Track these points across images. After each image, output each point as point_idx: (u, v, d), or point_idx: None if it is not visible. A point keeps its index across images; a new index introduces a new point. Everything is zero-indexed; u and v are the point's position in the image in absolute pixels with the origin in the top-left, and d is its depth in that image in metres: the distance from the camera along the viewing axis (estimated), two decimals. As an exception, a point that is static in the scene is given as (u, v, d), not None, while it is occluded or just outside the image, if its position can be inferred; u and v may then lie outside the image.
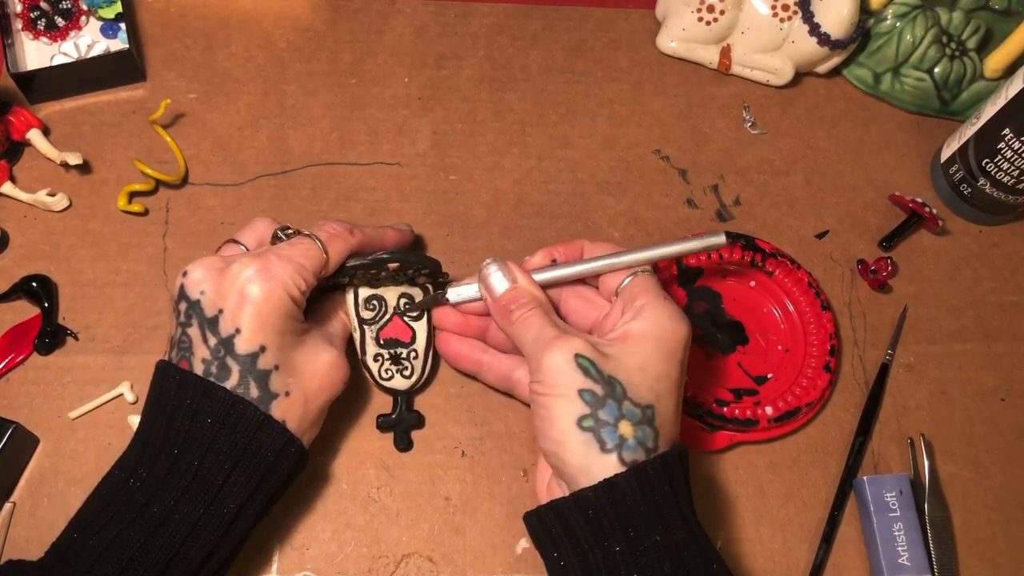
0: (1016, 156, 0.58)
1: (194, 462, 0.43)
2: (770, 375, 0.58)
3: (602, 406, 0.43)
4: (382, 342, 0.53)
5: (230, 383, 0.44)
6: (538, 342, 0.45)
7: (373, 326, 0.53)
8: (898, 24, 0.66)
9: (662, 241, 0.50)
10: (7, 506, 0.51)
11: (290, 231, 0.50)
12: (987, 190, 0.62)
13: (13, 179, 0.59)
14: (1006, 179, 0.60)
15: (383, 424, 0.54)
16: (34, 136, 0.59)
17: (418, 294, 0.54)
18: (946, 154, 0.65)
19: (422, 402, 0.56)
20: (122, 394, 0.54)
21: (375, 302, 0.53)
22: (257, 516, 0.45)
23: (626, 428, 0.43)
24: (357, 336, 0.53)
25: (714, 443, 0.55)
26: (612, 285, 0.49)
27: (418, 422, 0.55)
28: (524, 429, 0.56)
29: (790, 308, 0.59)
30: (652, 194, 0.64)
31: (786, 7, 0.65)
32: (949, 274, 0.64)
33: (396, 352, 0.53)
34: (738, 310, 0.59)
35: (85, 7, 0.62)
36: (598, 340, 0.45)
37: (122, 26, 0.62)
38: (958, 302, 0.63)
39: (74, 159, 0.58)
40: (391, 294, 0.54)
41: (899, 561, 0.53)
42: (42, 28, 0.62)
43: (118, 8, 0.62)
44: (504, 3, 0.69)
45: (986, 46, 0.68)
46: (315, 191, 0.61)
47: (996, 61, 0.67)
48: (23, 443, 0.51)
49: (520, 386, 0.53)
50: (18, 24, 0.62)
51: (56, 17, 0.62)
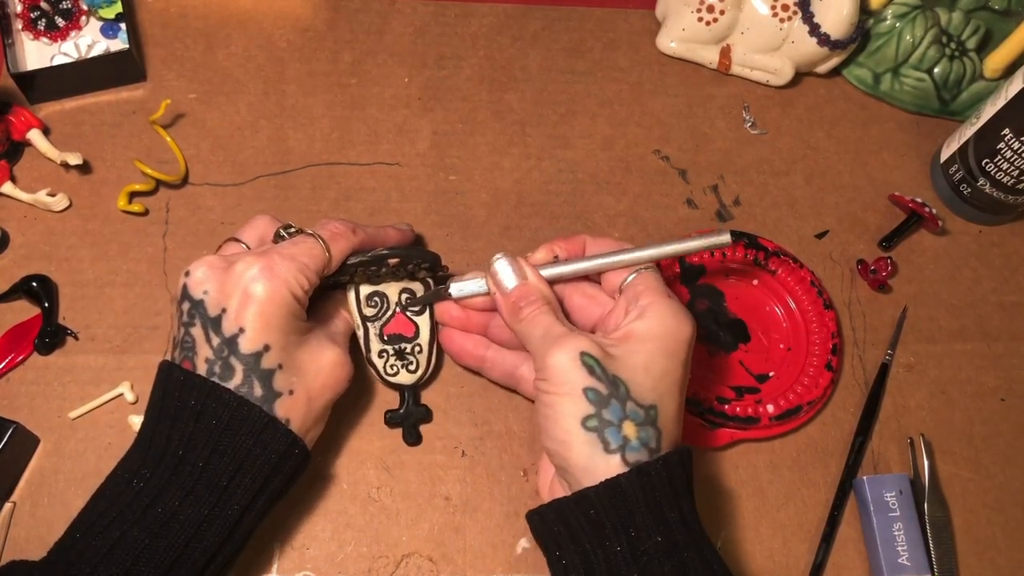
0: (1016, 156, 0.58)
1: (198, 463, 0.43)
2: (772, 373, 0.58)
3: (606, 406, 0.43)
4: (386, 338, 0.53)
5: (233, 383, 0.44)
6: (545, 340, 0.45)
7: (376, 323, 0.53)
8: (898, 24, 0.66)
9: (665, 239, 0.50)
10: (7, 506, 0.51)
11: (293, 230, 0.50)
12: (987, 190, 0.62)
13: (13, 179, 0.59)
14: (1006, 179, 0.60)
15: (391, 419, 0.54)
16: (34, 136, 0.59)
17: (419, 289, 0.54)
18: (946, 154, 0.65)
19: (424, 402, 0.56)
20: (122, 394, 0.54)
21: (376, 299, 0.53)
22: (260, 517, 0.45)
23: (629, 429, 0.43)
24: (361, 334, 0.53)
25: (715, 440, 0.55)
26: (615, 282, 0.49)
27: (426, 416, 0.55)
28: (524, 429, 0.56)
29: (792, 307, 0.59)
30: (652, 194, 0.64)
31: (786, 7, 0.65)
32: (949, 274, 0.64)
33: (400, 347, 0.53)
34: (740, 308, 0.60)
35: (85, 7, 0.62)
36: (602, 339, 0.45)
37: (122, 26, 0.62)
38: (958, 302, 0.63)
39: (74, 159, 0.58)
40: (392, 290, 0.54)
41: (899, 561, 0.53)
42: (42, 28, 0.62)
43: (118, 8, 0.62)
44: (504, 3, 0.69)
45: (986, 46, 0.68)
46: (315, 191, 0.61)
47: (996, 61, 0.67)
48: (23, 443, 0.51)
49: (524, 383, 0.53)
50: (18, 24, 0.62)
51: (56, 17, 0.62)
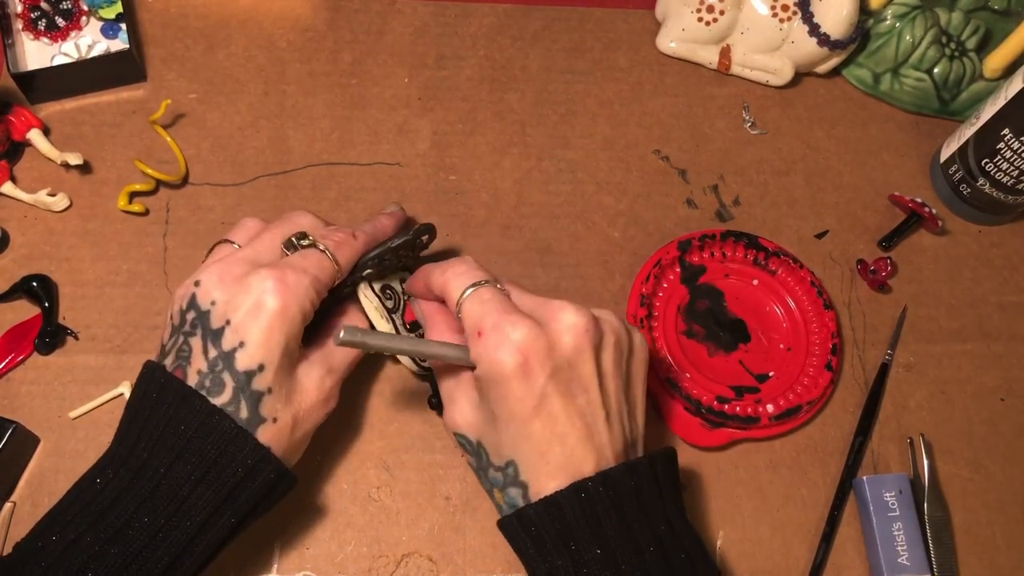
0: (1015, 156, 0.58)
1: (160, 469, 0.42)
2: (771, 373, 0.58)
3: (481, 477, 0.46)
4: (408, 327, 0.53)
5: (221, 400, 0.43)
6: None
7: (397, 314, 0.53)
8: (898, 24, 0.66)
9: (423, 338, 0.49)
10: (7, 506, 0.51)
11: (306, 242, 0.48)
12: (986, 190, 0.62)
13: (13, 179, 0.59)
14: (1005, 179, 0.60)
15: (438, 402, 0.54)
16: (34, 136, 0.59)
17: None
18: (945, 154, 0.65)
19: (424, 402, 0.56)
20: (122, 394, 0.54)
21: (389, 291, 0.53)
22: (228, 531, 0.43)
23: (498, 496, 0.45)
24: (390, 328, 0.52)
25: (715, 440, 0.55)
26: (455, 316, 0.46)
27: None
28: (524, 429, 0.56)
29: (792, 307, 0.59)
30: (652, 194, 0.64)
31: (786, 7, 0.65)
32: (949, 274, 0.64)
33: (420, 334, 0.53)
34: (741, 308, 0.60)
35: (86, 7, 0.62)
36: (473, 394, 0.46)
37: (122, 26, 0.62)
38: (958, 302, 0.63)
39: (74, 159, 0.58)
40: (395, 282, 0.54)
41: (899, 561, 0.53)
42: (43, 28, 0.62)
43: (118, 8, 0.62)
44: (504, 3, 0.69)
45: (986, 46, 0.68)
46: (315, 191, 0.61)
47: (996, 61, 0.67)
48: (23, 443, 0.51)
49: None
50: (19, 24, 0.62)
51: (56, 17, 0.62)
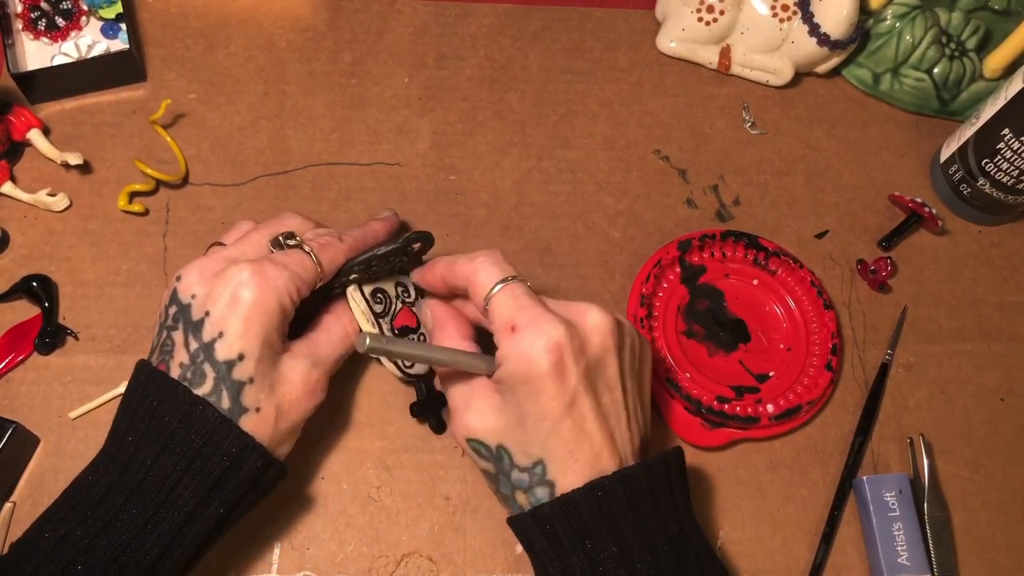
0: (1015, 156, 0.58)
1: (147, 462, 0.42)
2: (771, 373, 0.58)
3: (497, 483, 0.45)
4: (397, 332, 0.53)
5: (202, 390, 0.44)
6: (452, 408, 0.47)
7: (386, 319, 0.53)
8: (898, 24, 0.66)
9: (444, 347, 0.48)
10: (7, 506, 0.51)
11: (292, 241, 0.49)
12: (987, 190, 0.62)
13: (13, 179, 0.59)
14: (1005, 179, 0.60)
15: (420, 411, 0.54)
16: (34, 136, 0.59)
17: (409, 281, 0.54)
18: (945, 154, 0.65)
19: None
20: (122, 394, 0.54)
21: (380, 295, 0.53)
22: (217, 521, 0.44)
23: (521, 498, 0.44)
24: (376, 330, 0.52)
25: (715, 440, 0.55)
26: (481, 309, 0.46)
27: (443, 402, 0.54)
28: (524, 429, 0.56)
29: (792, 307, 0.59)
30: (652, 194, 0.64)
31: (786, 7, 0.65)
32: (949, 274, 0.64)
33: (414, 337, 0.53)
34: (740, 308, 0.60)
35: (85, 7, 0.62)
36: (492, 398, 0.45)
37: (122, 26, 0.62)
38: (958, 302, 0.63)
39: (74, 159, 0.58)
40: (388, 286, 0.53)
41: (899, 561, 0.53)
42: (42, 28, 0.62)
43: (118, 8, 0.62)
44: (504, 3, 0.69)
45: (985, 46, 0.68)
46: (315, 191, 0.61)
47: (995, 61, 0.67)
48: (23, 443, 0.51)
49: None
50: (19, 24, 0.62)
51: (56, 17, 0.62)
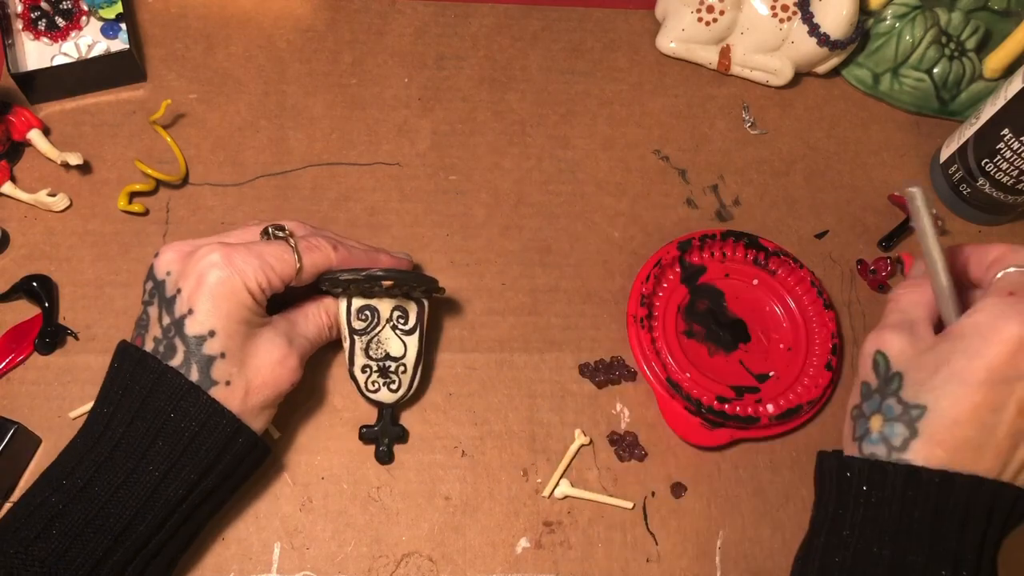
0: (1015, 156, 0.58)
1: (119, 429, 0.44)
2: (772, 373, 0.58)
3: (868, 399, 0.44)
4: (371, 354, 0.53)
5: (173, 363, 0.45)
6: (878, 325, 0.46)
7: (363, 337, 0.53)
8: (897, 24, 0.66)
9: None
10: (7, 506, 0.51)
11: (281, 233, 0.49)
12: (986, 190, 0.62)
13: (14, 179, 0.59)
14: (1005, 179, 0.60)
15: (366, 436, 0.54)
16: (34, 136, 0.59)
17: (413, 308, 0.53)
18: (945, 154, 0.65)
19: (424, 401, 0.56)
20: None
21: (367, 312, 0.52)
22: (189, 487, 0.44)
23: (876, 422, 0.43)
24: (347, 346, 0.53)
25: (715, 440, 0.55)
26: (983, 267, 0.46)
27: (402, 435, 0.54)
28: (524, 429, 0.56)
29: (792, 307, 0.59)
30: (652, 194, 0.64)
31: (786, 7, 0.65)
32: (949, 274, 0.64)
33: (385, 365, 0.53)
34: (741, 308, 0.60)
35: (85, 7, 0.62)
36: (926, 337, 0.44)
37: (122, 26, 0.62)
38: (958, 302, 0.63)
39: (74, 159, 0.58)
40: (385, 306, 0.53)
41: (899, 560, 0.53)
42: (43, 28, 0.62)
43: (118, 8, 0.62)
44: (504, 3, 0.69)
45: (985, 46, 0.68)
46: (315, 191, 0.61)
47: (995, 61, 0.67)
48: (25, 443, 0.51)
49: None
50: (19, 24, 0.62)
51: (56, 17, 0.62)
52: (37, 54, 0.61)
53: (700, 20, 0.66)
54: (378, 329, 0.53)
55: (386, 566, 0.52)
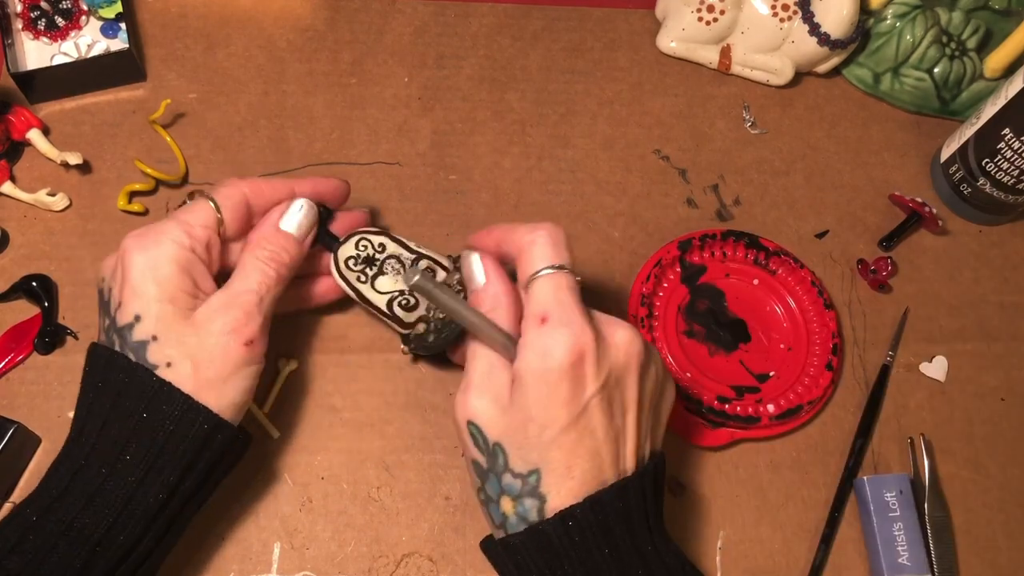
0: (1016, 156, 0.58)
1: (92, 434, 0.42)
2: (772, 373, 0.58)
3: (487, 480, 0.42)
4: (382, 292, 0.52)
5: None
6: (464, 378, 0.44)
7: (367, 281, 0.52)
8: (898, 24, 0.66)
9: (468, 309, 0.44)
10: (7, 506, 0.51)
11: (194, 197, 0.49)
12: (987, 190, 0.62)
13: (13, 179, 0.59)
14: (1006, 179, 0.60)
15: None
16: (34, 136, 0.59)
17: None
18: (946, 154, 0.65)
19: (424, 402, 0.56)
20: (122, 394, 0.54)
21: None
22: (171, 491, 0.43)
23: (507, 505, 0.41)
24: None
25: (715, 440, 0.55)
26: (523, 286, 0.44)
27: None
28: (524, 429, 0.55)
29: (793, 306, 0.59)
30: (652, 194, 0.64)
31: (786, 7, 0.65)
32: (949, 274, 0.64)
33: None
34: (741, 308, 0.59)
35: (85, 7, 0.62)
36: (502, 389, 0.42)
37: (122, 26, 0.62)
38: (958, 302, 0.63)
39: (74, 159, 0.58)
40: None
41: (899, 561, 0.53)
42: (42, 28, 0.62)
43: (118, 8, 0.62)
44: (504, 3, 0.69)
45: (986, 46, 0.68)
46: (315, 191, 0.61)
47: (996, 61, 0.67)
48: (24, 443, 0.51)
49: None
50: (18, 24, 0.62)
51: (56, 17, 0.62)
52: (37, 54, 0.61)
53: (700, 20, 0.66)
54: (377, 268, 0.52)
55: (386, 566, 0.52)
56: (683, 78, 0.68)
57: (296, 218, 0.50)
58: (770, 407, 0.55)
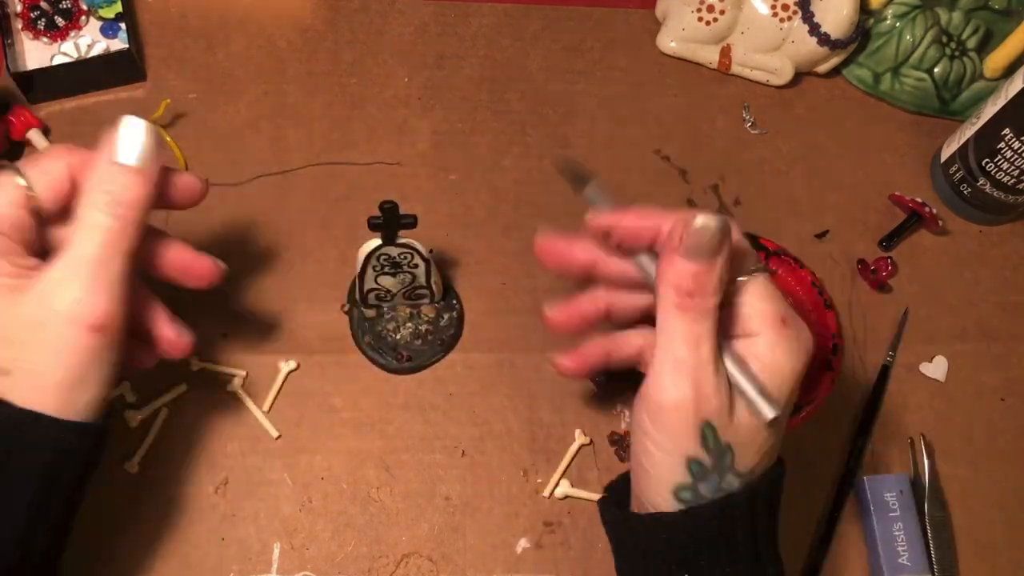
0: (1016, 156, 0.58)
1: None
2: None
3: (704, 480, 0.38)
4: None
5: None
6: (678, 366, 0.38)
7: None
8: (898, 24, 0.66)
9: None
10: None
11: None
12: (987, 190, 0.62)
13: (13, 179, 0.59)
14: (1006, 179, 0.60)
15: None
16: (34, 136, 0.59)
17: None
18: (946, 154, 0.65)
19: (424, 402, 0.56)
20: (122, 394, 0.54)
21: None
22: (36, 506, 0.37)
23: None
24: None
25: None
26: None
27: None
28: (524, 429, 0.56)
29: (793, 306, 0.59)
30: (652, 194, 0.64)
31: (786, 7, 0.65)
32: (949, 274, 0.64)
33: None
34: None
35: (85, 7, 0.62)
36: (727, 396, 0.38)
37: (122, 26, 0.62)
38: (958, 302, 0.63)
39: (74, 159, 0.58)
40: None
41: (899, 561, 0.53)
42: (42, 28, 0.62)
43: (118, 8, 0.62)
44: (504, 3, 0.69)
45: (986, 46, 0.68)
46: (315, 191, 0.61)
47: (996, 61, 0.67)
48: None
49: (633, 348, 0.46)
50: (18, 24, 0.62)
51: (56, 17, 0.62)
52: (36, 54, 0.61)
53: (701, 19, 0.66)
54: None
55: (386, 566, 0.52)
56: (683, 78, 0.68)
57: (136, 143, 0.40)
58: None
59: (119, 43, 0.62)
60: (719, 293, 0.38)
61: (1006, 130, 0.58)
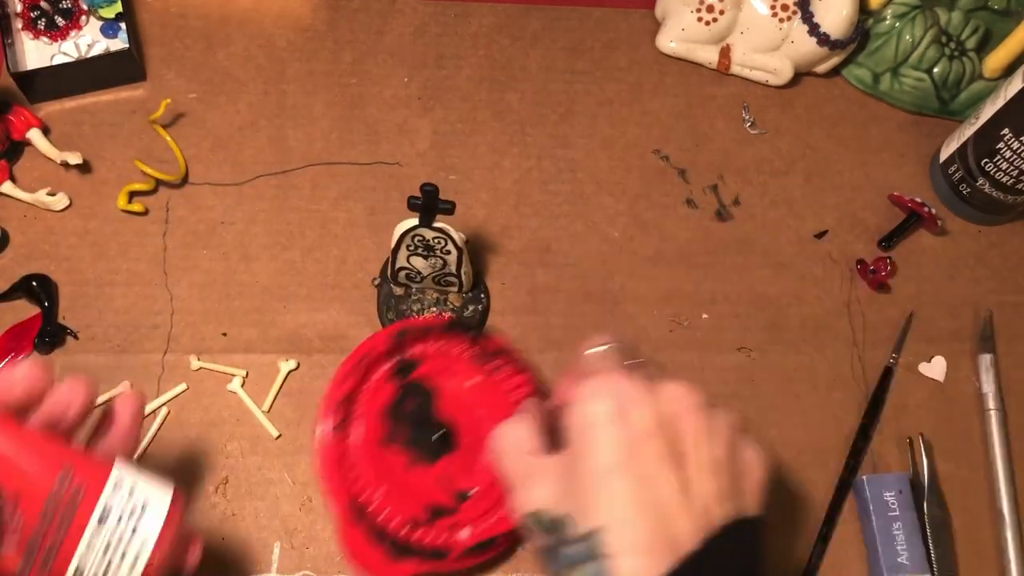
0: (1015, 156, 0.58)
1: None
2: (474, 490, 0.49)
3: (557, 561, 0.37)
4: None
5: None
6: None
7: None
8: (897, 24, 0.66)
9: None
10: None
11: None
12: (986, 190, 0.62)
13: (13, 179, 0.59)
14: (1005, 179, 0.60)
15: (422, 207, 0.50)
16: (34, 136, 0.59)
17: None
18: (945, 154, 0.65)
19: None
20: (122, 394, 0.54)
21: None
22: None
23: None
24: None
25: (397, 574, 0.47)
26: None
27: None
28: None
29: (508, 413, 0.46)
30: (652, 194, 0.64)
31: (785, 7, 0.65)
32: (948, 274, 0.64)
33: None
34: (454, 410, 0.51)
35: (85, 7, 0.62)
36: (551, 464, 0.39)
37: (122, 26, 0.62)
38: (957, 302, 0.63)
39: (74, 159, 0.58)
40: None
41: (898, 561, 0.53)
42: (42, 28, 0.62)
43: (118, 8, 0.62)
44: (504, 3, 0.69)
45: (985, 46, 0.68)
46: (315, 191, 0.61)
47: (995, 61, 0.67)
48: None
49: None
50: (18, 24, 0.62)
51: (56, 17, 0.62)
52: (37, 53, 0.61)
53: (700, 20, 0.66)
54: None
55: (386, 566, 0.52)
56: (683, 78, 0.68)
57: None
58: (463, 533, 0.48)
59: (119, 43, 0.62)
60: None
61: (1005, 130, 0.58)
